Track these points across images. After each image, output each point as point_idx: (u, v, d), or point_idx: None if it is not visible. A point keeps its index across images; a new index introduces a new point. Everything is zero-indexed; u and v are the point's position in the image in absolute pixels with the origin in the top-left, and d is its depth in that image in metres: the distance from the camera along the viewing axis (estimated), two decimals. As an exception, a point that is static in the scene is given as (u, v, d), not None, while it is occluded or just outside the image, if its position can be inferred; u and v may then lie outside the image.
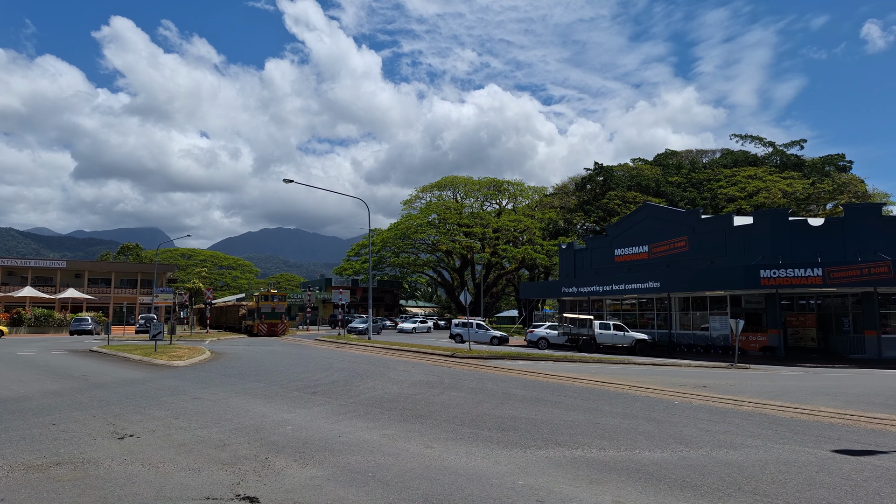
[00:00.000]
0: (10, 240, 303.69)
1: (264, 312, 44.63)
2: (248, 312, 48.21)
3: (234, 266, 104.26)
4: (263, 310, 44.79)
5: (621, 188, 61.28)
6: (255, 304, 47.10)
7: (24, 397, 11.69)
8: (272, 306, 45.24)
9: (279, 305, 46.00)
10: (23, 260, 72.37)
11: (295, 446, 7.46)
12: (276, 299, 46.27)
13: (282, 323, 45.41)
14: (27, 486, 5.67)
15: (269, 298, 46.01)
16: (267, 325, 44.14)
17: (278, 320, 45.22)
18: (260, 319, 44.51)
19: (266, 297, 46.06)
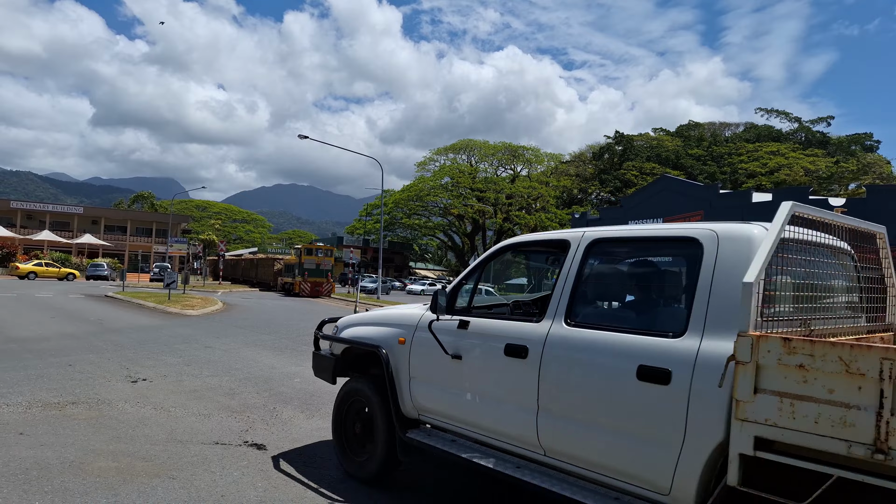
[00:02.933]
0: (30, 183, 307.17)
1: (307, 269, 38.12)
2: (287, 268, 41.44)
3: (248, 220, 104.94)
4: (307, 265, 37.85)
5: (640, 159, 60.45)
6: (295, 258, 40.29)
7: (43, 338, 12.01)
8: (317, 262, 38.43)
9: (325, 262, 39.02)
10: (41, 204, 73.33)
11: (302, 398, 7.63)
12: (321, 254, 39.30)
13: (328, 282, 38.71)
14: (44, 423, 5.88)
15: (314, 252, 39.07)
16: (311, 284, 37.40)
17: (324, 279, 38.37)
18: (302, 277, 37.53)
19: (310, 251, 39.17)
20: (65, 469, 4.61)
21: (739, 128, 70.95)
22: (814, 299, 3.07)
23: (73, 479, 4.41)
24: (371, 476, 4.59)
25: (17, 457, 4.82)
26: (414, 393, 4.40)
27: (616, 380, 3.15)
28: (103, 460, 4.86)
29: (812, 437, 2.34)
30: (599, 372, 3.27)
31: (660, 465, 2.93)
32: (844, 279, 3.60)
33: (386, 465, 4.54)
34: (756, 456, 2.48)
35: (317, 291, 37.49)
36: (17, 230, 61.68)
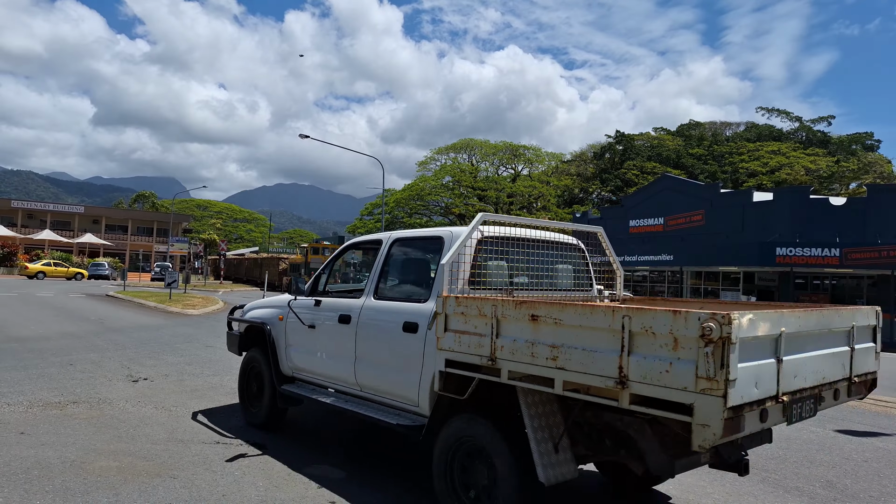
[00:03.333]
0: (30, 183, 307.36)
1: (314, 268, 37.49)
2: (293, 267, 40.91)
3: (249, 219, 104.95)
4: (313, 265, 37.20)
5: (641, 158, 60.37)
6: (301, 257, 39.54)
7: (43, 337, 12.02)
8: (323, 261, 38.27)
9: None
10: (42, 203, 73.39)
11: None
12: (327, 253, 38.12)
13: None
14: (45, 422, 5.88)
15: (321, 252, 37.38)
16: None
17: None
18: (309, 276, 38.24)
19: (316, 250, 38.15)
20: (66, 468, 4.61)
21: (740, 127, 70.84)
22: (513, 275, 4.71)
23: (74, 479, 4.41)
24: (262, 421, 6.05)
25: (19, 456, 4.83)
26: (289, 356, 5.84)
27: (393, 332, 4.60)
28: (104, 460, 4.86)
29: (468, 355, 3.72)
30: (385, 328, 4.74)
31: (413, 386, 4.37)
32: (569, 266, 5.23)
33: (271, 412, 5.97)
34: (447, 371, 3.84)
35: None
36: (18, 230, 61.72)
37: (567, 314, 3.31)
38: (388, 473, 5.06)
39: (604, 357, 3.10)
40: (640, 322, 3.00)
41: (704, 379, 2.75)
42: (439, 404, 4.11)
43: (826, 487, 5.30)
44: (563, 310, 3.33)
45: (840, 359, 3.72)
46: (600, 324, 3.15)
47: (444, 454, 4.06)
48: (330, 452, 5.52)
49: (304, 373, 5.72)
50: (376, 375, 4.81)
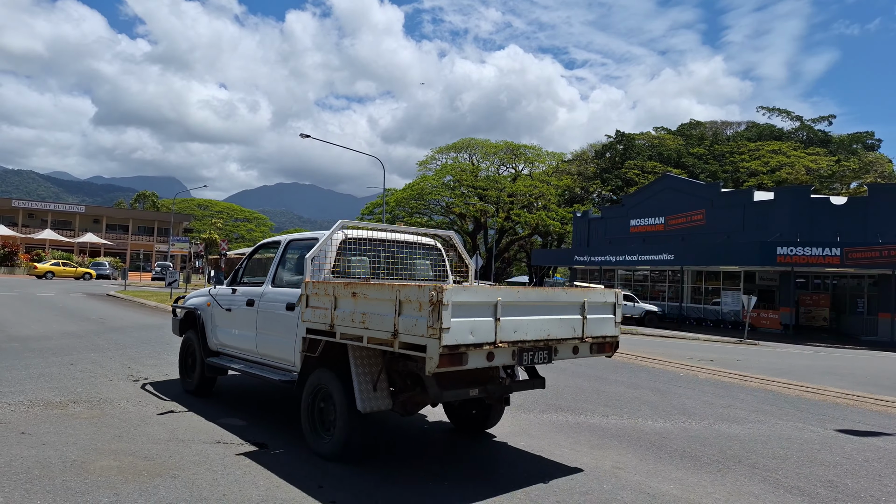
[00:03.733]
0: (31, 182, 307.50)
1: None
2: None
3: (250, 219, 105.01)
4: None
5: (641, 157, 60.32)
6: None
7: (44, 337, 12.02)
8: None
9: None
10: (43, 203, 73.41)
11: (389, 431, 7.62)
12: None
13: None
14: (46, 422, 5.88)
15: None
16: None
17: None
18: None
19: None
20: (66, 468, 4.61)
21: (741, 126, 70.78)
22: (376, 268, 6.17)
23: (75, 479, 4.41)
24: (195, 388, 7.39)
25: (19, 456, 4.83)
26: (215, 335, 7.21)
27: (280, 311, 5.99)
28: (105, 459, 4.86)
29: (318, 324, 5.03)
30: (275, 308, 6.10)
31: (291, 351, 5.71)
32: (428, 262, 6.63)
33: (201, 381, 7.33)
34: (307, 337, 5.22)
35: None
36: (19, 229, 61.75)
37: (371, 291, 4.66)
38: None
39: (388, 318, 4.44)
40: (404, 294, 4.35)
41: (430, 328, 4.09)
42: (305, 362, 5.45)
43: (827, 487, 5.29)
44: (369, 288, 4.70)
45: (569, 323, 5.02)
46: (386, 297, 4.49)
47: (307, 399, 5.42)
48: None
49: (226, 347, 7.08)
50: (270, 345, 6.21)
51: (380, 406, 4.94)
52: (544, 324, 4.81)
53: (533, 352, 4.77)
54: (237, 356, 6.86)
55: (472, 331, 4.26)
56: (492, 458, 5.59)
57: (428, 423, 6.79)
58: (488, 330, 4.38)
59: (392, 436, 6.20)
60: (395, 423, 6.60)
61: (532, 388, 5.70)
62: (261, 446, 5.44)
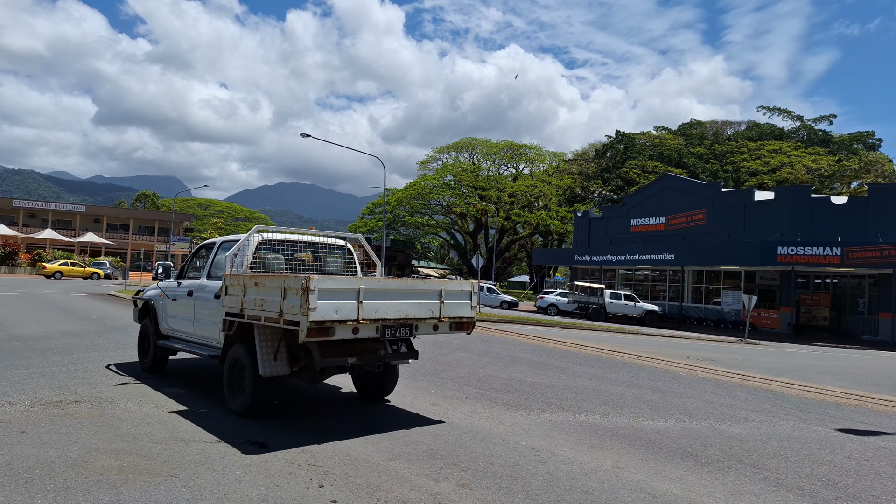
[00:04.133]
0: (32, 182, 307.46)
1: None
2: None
3: (250, 218, 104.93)
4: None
5: (642, 157, 60.28)
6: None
7: (45, 336, 12.03)
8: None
9: None
10: (43, 203, 73.38)
11: (305, 397, 7.64)
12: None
13: None
14: (47, 421, 5.88)
15: None
16: None
17: None
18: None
19: None
20: (67, 467, 4.61)
21: (741, 126, 70.73)
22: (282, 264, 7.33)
23: (76, 478, 4.41)
24: (149, 367, 8.71)
25: (20, 455, 4.83)
26: (165, 321, 8.47)
27: (210, 299, 7.22)
28: (105, 459, 4.86)
29: (233, 308, 6.31)
30: (207, 297, 7.31)
31: (217, 332, 6.84)
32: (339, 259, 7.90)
33: (154, 361, 8.64)
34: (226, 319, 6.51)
35: None
36: (20, 229, 61.76)
37: (266, 281, 6.00)
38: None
39: (277, 302, 5.74)
40: (287, 283, 5.66)
41: (302, 308, 5.40)
42: (226, 340, 6.72)
43: (828, 486, 5.29)
44: (265, 279, 6.05)
45: (428, 307, 6.37)
46: (276, 286, 5.81)
47: (227, 369, 6.71)
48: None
49: (174, 331, 8.29)
50: (203, 328, 7.46)
51: (279, 371, 6.24)
52: (404, 306, 6.17)
53: (395, 328, 6.11)
54: (181, 338, 8.16)
55: (336, 310, 5.59)
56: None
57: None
58: (352, 310, 5.71)
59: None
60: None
61: (405, 359, 7.02)
62: (262, 445, 5.44)
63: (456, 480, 4.83)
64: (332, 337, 5.59)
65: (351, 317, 5.67)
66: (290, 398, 7.66)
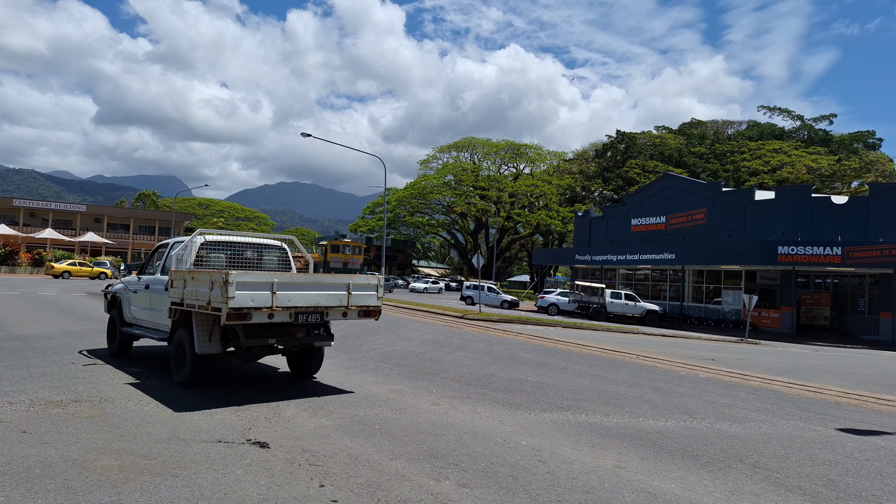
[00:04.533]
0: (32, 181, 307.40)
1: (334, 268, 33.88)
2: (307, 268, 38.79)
3: (251, 218, 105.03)
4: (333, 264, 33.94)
5: (643, 157, 60.25)
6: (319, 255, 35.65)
7: (45, 336, 12.03)
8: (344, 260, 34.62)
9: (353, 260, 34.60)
10: (44, 202, 73.38)
11: (305, 396, 7.63)
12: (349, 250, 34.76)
13: None
14: (47, 421, 5.88)
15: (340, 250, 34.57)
16: None
17: None
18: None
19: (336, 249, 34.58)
20: (67, 467, 4.61)
21: (742, 126, 70.69)
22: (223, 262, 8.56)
23: (76, 478, 4.41)
24: (116, 351, 9.95)
25: (20, 455, 4.83)
26: (129, 311, 9.72)
27: (162, 291, 8.23)
28: (106, 458, 4.86)
29: (177, 298, 7.56)
30: (159, 290, 8.38)
31: (166, 319, 8.02)
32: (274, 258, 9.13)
33: (121, 346, 9.87)
34: (171, 308, 7.78)
35: None
36: (20, 228, 61.78)
37: (199, 276, 7.21)
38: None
39: (206, 292, 6.90)
40: (213, 277, 6.87)
41: (223, 297, 6.56)
42: (172, 325, 8.01)
43: (828, 486, 5.29)
44: (198, 274, 7.26)
45: (337, 297, 7.59)
46: (206, 279, 7.01)
47: (173, 350, 8.02)
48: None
49: (136, 320, 9.54)
50: (156, 315, 8.70)
51: (212, 350, 7.48)
52: (314, 296, 7.38)
53: (306, 314, 7.32)
54: (141, 325, 9.39)
55: (252, 299, 6.79)
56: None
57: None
58: (266, 299, 6.89)
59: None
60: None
61: (322, 341, 8.12)
62: (262, 445, 5.44)
63: (456, 480, 4.83)
64: (250, 321, 6.85)
65: (266, 304, 6.89)
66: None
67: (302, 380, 8.76)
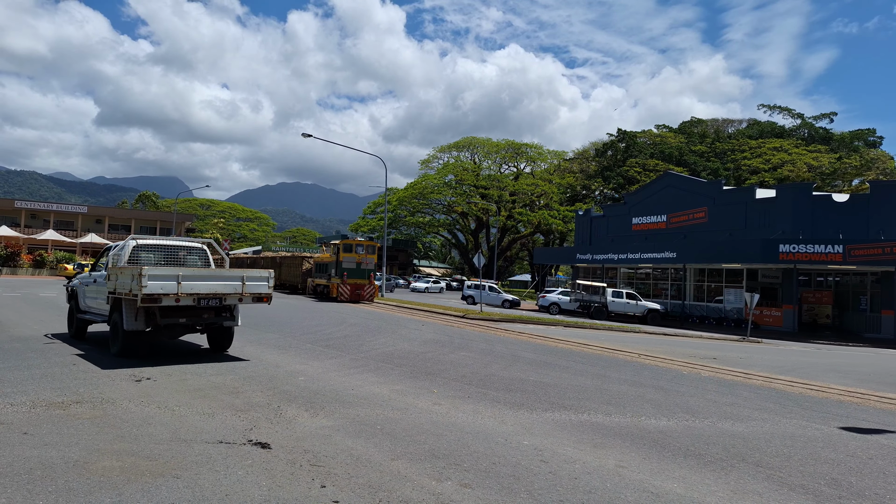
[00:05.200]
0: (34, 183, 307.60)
1: (347, 268, 31.21)
2: (319, 267, 35.33)
3: (252, 218, 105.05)
4: (346, 265, 31.19)
5: (643, 155, 60.20)
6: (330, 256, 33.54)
7: (46, 337, 12.02)
8: (357, 260, 31.46)
9: (367, 260, 31.80)
10: (45, 204, 73.46)
11: (306, 396, 7.62)
12: (363, 250, 31.88)
13: (370, 284, 31.95)
14: (48, 422, 5.88)
15: (353, 249, 31.68)
16: (350, 288, 30.86)
17: (366, 281, 31.74)
18: (341, 279, 31.02)
19: (349, 248, 31.71)
20: (69, 468, 4.60)
21: (742, 124, 70.61)
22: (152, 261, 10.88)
23: (77, 479, 4.40)
24: (73, 334, 12.09)
25: (21, 456, 4.82)
26: (83, 300, 11.83)
27: (103, 284, 10.48)
28: (107, 459, 4.85)
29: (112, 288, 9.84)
30: (101, 282, 10.74)
31: (106, 305, 10.35)
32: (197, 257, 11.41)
33: (78, 329, 11.98)
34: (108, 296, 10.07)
35: (357, 295, 31.12)
36: (22, 229, 61.84)
37: (124, 271, 9.41)
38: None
39: (129, 283, 9.11)
40: (133, 271, 9.06)
41: (138, 286, 8.82)
42: (110, 309, 10.13)
43: (831, 485, 5.27)
44: (122, 270, 9.51)
45: (232, 286, 9.80)
46: (129, 273, 9.15)
47: (111, 329, 10.19)
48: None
49: (88, 308, 11.70)
50: (101, 303, 10.70)
51: (138, 327, 9.59)
52: (214, 286, 9.69)
53: (207, 299, 9.59)
54: (91, 311, 11.57)
55: (162, 288, 9.01)
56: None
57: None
58: (173, 287, 9.14)
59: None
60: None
61: (228, 321, 10.31)
62: (264, 446, 5.43)
63: (458, 480, 4.82)
64: (161, 304, 9.12)
65: (172, 292, 9.15)
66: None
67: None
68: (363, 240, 34.76)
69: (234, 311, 10.32)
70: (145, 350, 10.00)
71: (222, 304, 9.78)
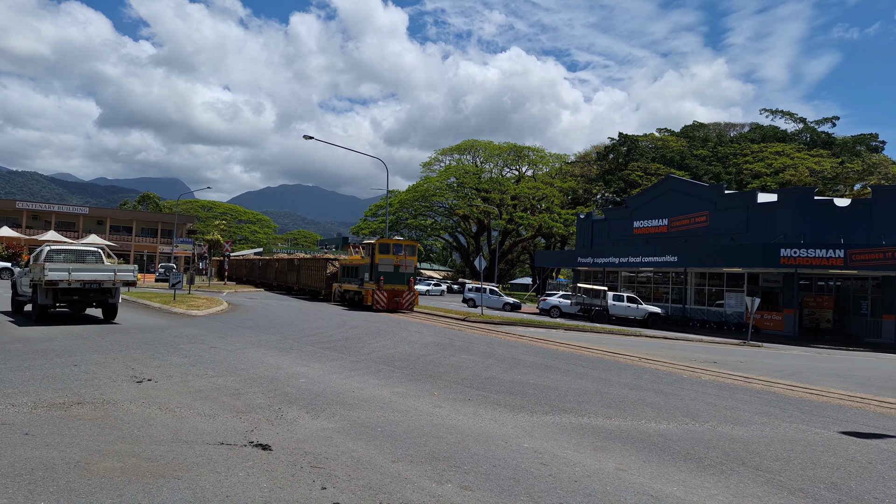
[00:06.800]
0: (35, 184, 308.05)
1: (383, 272, 26.36)
2: (346, 271, 31.13)
3: (253, 220, 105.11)
4: (382, 268, 26.31)
5: (645, 159, 60.22)
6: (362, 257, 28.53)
7: (48, 338, 12.06)
8: (396, 262, 26.63)
9: (406, 262, 26.97)
10: (47, 204, 73.56)
11: (307, 398, 7.63)
12: (402, 250, 27.01)
13: (409, 291, 27.29)
14: (49, 423, 5.90)
15: (391, 249, 26.72)
16: (388, 295, 26.36)
17: (405, 286, 27.10)
18: (377, 284, 26.37)
19: (386, 248, 26.72)
20: (70, 469, 4.62)
21: (744, 128, 70.63)
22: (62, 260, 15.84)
23: (79, 480, 4.42)
24: (12, 311, 17.53)
25: (23, 457, 4.84)
26: (20, 287, 17.25)
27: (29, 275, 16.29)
28: (108, 460, 4.87)
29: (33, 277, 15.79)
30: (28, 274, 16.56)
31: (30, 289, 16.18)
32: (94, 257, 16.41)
33: (16, 308, 17.62)
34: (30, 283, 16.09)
35: (395, 303, 26.70)
36: (23, 230, 61.94)
37: (36, 266, 15.13)
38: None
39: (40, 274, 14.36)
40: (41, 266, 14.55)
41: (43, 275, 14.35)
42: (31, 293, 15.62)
43: (831, 489, 5.28)
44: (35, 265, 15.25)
45: (109, 275, 15.14)
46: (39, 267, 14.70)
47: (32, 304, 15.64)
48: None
49: (23, 293, 16.50)
50: (27, 288, 15.91)
51: (48, 302, 14.71)
52: (95, 275, 14.85)
53: (90, 283, 14.73)
54: (24, 295, 16.33)
55: (58, 276, 14.19)
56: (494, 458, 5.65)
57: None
58: (66, 275, 14.30)
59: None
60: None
61: (111, 299, 15.45)
62: (265, 447, 5.45)
63: (458, 482, 4.83)
64: (58, 286, 14.31)
65: (65, 279, 14.26)
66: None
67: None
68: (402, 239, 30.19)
69: (115, 292, 15.52)
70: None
71: (101, 287, 15.01)
